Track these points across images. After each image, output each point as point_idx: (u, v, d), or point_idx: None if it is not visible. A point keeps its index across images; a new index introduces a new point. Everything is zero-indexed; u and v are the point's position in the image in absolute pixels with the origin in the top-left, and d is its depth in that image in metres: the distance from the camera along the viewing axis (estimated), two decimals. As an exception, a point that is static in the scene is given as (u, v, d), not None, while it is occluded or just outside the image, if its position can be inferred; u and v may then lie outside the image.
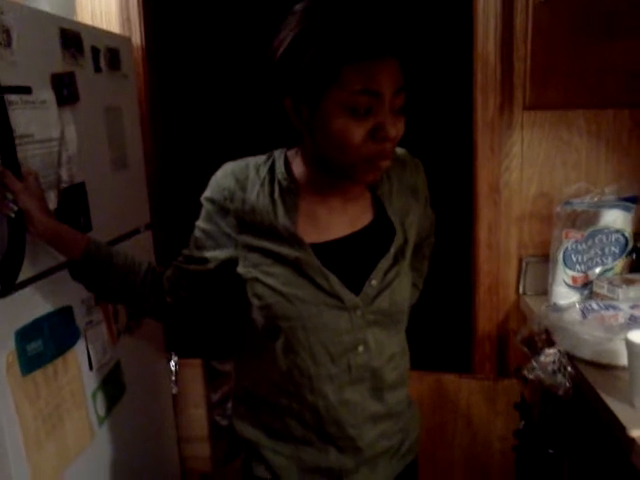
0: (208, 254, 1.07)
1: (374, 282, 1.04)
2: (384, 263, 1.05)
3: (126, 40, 1.68)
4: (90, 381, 1.35)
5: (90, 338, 1.35)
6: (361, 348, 1.04)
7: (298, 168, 1.05)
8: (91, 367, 1.35)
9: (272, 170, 1.05)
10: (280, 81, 0.95)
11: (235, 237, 1.04)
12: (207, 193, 1.07)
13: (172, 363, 1.84)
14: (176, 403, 1.89)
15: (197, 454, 1.94)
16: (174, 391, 1.86)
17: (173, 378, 1.84)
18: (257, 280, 1.02)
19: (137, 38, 1.80)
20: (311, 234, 1.03)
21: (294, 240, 1.01)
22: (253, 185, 1.03)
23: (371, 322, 1.04)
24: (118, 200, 1.54)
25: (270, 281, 1.01)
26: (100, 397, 1.39)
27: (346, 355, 1.03)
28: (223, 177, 1.05)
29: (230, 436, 1.20)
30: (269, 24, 1.04)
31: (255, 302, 1.03)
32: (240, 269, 1.04)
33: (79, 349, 1.31)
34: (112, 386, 1.45)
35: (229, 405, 1.22)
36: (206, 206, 1.07)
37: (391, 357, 1.09)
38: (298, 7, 0.93)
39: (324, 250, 1.03)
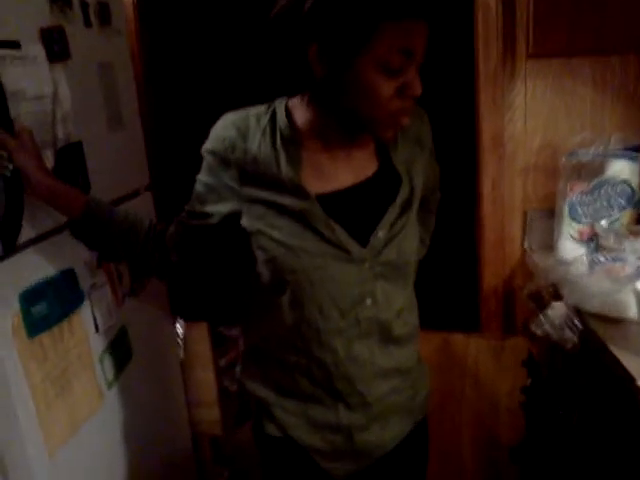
0: (210, 208, 1.05)
1: (381, 233, 1.02)
2: (391, 213, 1.03)
3: (116, -7, 1.62)
4: (97, 344, 1.34)
5: (95, 301, 1.33)
6: (369, 301, 1.03)
7: (300, 117, 1.02)
8: (97, 330, 1.34)
9: (273, 119, 1.03)
10: (309, 29, 0.92)
11: (238, 189, 1.02)
12: (207, 145, 1.05)
13: (178, 327, 1.82)
14: (184, 367, 1.89)
15: (207, 418, 1.93)
16: (181, 355, 1.85)
17: (180, 342, 1.83)
18: (261, 233, 1.00)
19: (127, -8, 1.73)
20: (315, 184, 1.01)
21: (298, 191, 0.99)
22: (254, 135, 1.01)
23: (379, 274, 1.03)
24: (116, 160, 1.50)
25: (275, 233, 1.00)
26: (108, 360, 1.38)
27: (354, 308, 1.02)
28: (223, 128, 1.03)
29: (240, 399, 1.20)
30: None
31: (260, 255, 1.02)
32: (244, 222, 1.02)
33: (84, 312, 1.30)
34: (119, 350, 1.44)
35: (237, 370, 1.22)
36: (207, 158, 1.05)
37: (400, 311, 1.09)
38: None
39: (329, 201, 1.01)
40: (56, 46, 1.24)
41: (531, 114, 1.72)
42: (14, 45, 1.11)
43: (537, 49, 1.62)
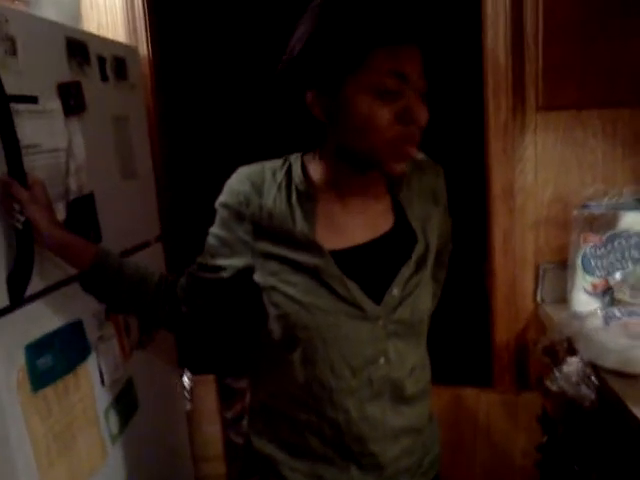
0: (223, 262, 1.04)
1: (396, 291, 1.00)
2: (405, 271, 1.01)
3: (132, 49, 1.67)
4: (102, 398, 1.32)
5: (102, 353, 1.32)
6: (382, 360, 1.00)
7: (316, 172, 1.02)
8: (103, 383, 1.32)
9: (289, 174, 1.02)
10: (301, 75, 0.93)
11: (252, 244, 1.01)
12: (222, 198, 1.03)
13: (185, 379, 1.80)
14: (190, 420, 1.86)
15: (212, 473, 1.89)
16: (188, 408, 1.82)
17: (187, 395, 1.80)
18: (275, 289, 0.99)
19: (143, 48, 1.79)
20: (330, 240, 0.99)
21: (313, 247, 0.98)
22: (269, 189, 1.00)
23: (392, 333, 1.01)
24: (127, 211, 1.52)
25: (288, 290, 0.97)
26: (113, 414, 1.36)
27: (367, 368, 1.00)
28: (238, 182, 1.02)
29: (246, 454, 1.16)
30: (274, 30, 1.03)
31: (273, 311, 1.00)
32: (257, 277, 1.01)
33: (90, 364, 1.28)
34: (125, 403, 1.42)
35: (244, 422, 1.18)
36: (221, 212, 1.03)
37: (412, 369, 1.05)
38: (315, 2, 0.93)
39: (344, 257, 0.99)
40: (72, 100, 1.27)
41: (542, 166, 1.72)
42: (32, 100, 1.13)
43: (547, 102, 1.63)
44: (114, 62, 1.49)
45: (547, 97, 1.63)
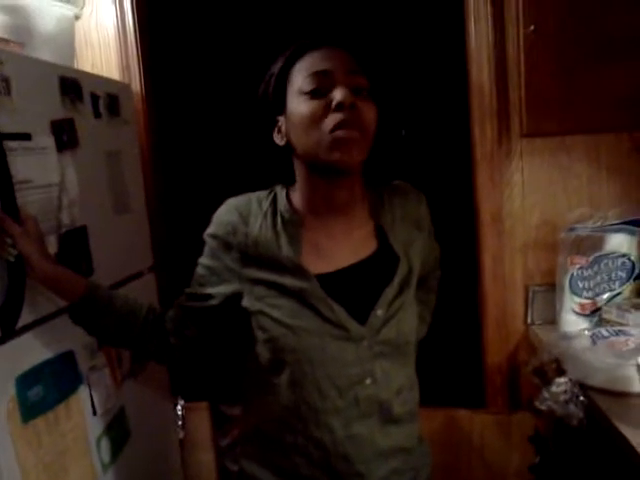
0: (212, 290, 1.07)
1: (380, 312, 1.03)
2: (389, 292, 1.04)
3: (125, 86, 1.72)
4: (94, 427, 1.33)
5: (93, 383, 1.33)
6: (369, 380, 1.02)
7: (298, 200, 1.07)
8: (95, 413, 1.33)
9: (274, 203, 1.07)
10: (263, 113, 1.06)
11: (239, 271, 1.05)
12: (210, 230, 1.08)
13: (178, 407, 1.81)
14: (183, 448, 1.86)
15: (206, 501, 1.89)
16: (181, 436, 1.82)
17: (180, 422, 1.80)
18: (262, 313, 1.02)
19: (137, 85, 1.83)
20: (315, 264, 1.03)
21: (298, 271, 1.02)
22: (256, 218, 1.05)
23: (378, 353, 1.03)
24: (120, 243, 1.54)
25: (275, 313, 1.01)
26: (105, 443, 1.36)
27: (353, 388, 1.02)
28: (226, 212, 1.07)
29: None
30: (263, 67, 1.08)
31: (260, 335, 1.03)
32: (245, 302, 1.04)
33: (82, 394, 1.29)
34: (117, 432, 1.42)
35: (238, 450, 1.20)
36: (209, 242, 1.08)
37: (399, 390, 1.07)
38: None
39: (329, 280, 1.03)
40: (65, 135, 1.31)
41: (529, 191, 1.76)
42: (25, 137, 1.17)
43: (531, 129, 1.67)
44: (107, 99, 1.53)
45: (531, 124, 1.67)
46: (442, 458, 1.72)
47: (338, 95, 0.96)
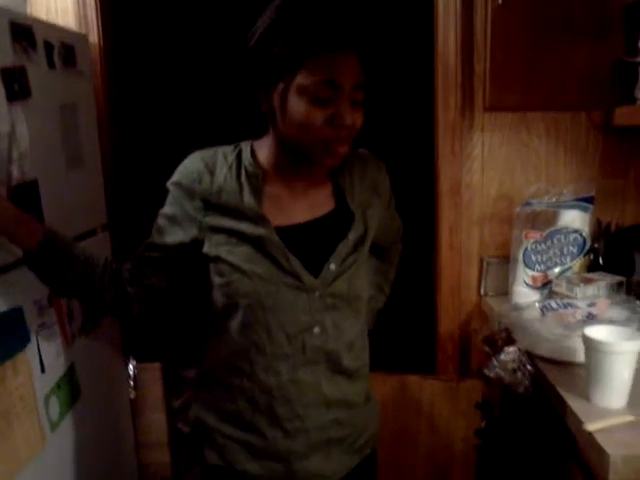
0: (171, 239, 1.09)
1: (333, 266, 1.07)
2: (342, 249, 1.08)
3: (82, 37, 1.65)
4: (42, 385, 1.30)
5: (42, 341, 1.30)
6: (317, 330, 1.07)
7: (263, 156, 1.10)
8: (43, 370, 1.30)
9: (239, 157, 1.09)
10: (252, 68, 1.02)
11: (200, 219, 1.07)
12: (174, 178, 1.09)
13: (130, 367, 1.79)
14: (134, 408, 1.85)
15: (156, 460, 1.90)
16: (132, 395, 1.81)
17: (131, 382, 1.79)
18: (220, 259, 1.05)
19: (94, 36, 1.76)
20: (275, 217, 1.07)
21: (258, 219, 1.05)
22: (221, 169, 1.07)
23: (329, 305, 1.07)
24: (73, 199, 1.50)
25: (232, 259, 1.04)
26: (53, 401, 1.34)
27: (301, 335, 1.06)
28: (191, 162, 1.09)
29: (191, 441, 1.18)
30: (224, 19, 1.06)
31: (216, 280, 1.06)
32: (205, 249, 1.07)
33: (30, 352, 1.26)
34: (66, 390, 1.40)
35: (192, 394, 1.22)
36: (172, 191, 1.09)
37: (350, 345, 1.11)
38: (274, 3, 1.00)
39: (286, 233, 1.06)
40: (16, 85, 1.25)
41: (488, 165, 1.78)
42: (-27, 84, 1.12)
43: (493, 103, 1.68)
44: (62, 49, 1.47)
45: (494, 98, 1.67)
46: (392, 423, 1.76)
47: (346, 119, 0.98)
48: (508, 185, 1.78)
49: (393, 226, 1.31)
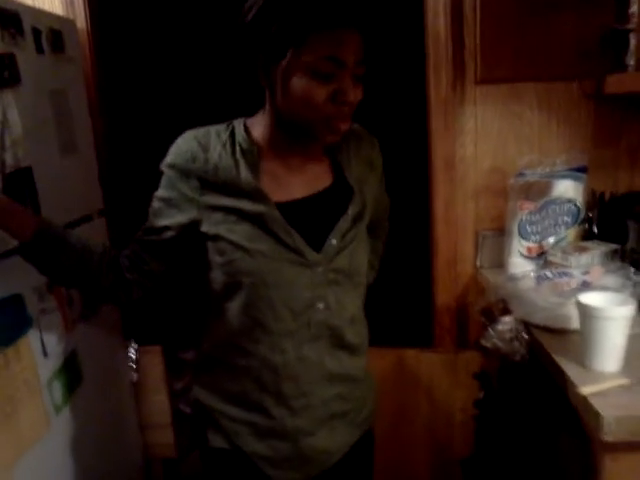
0: (168, 221, 1.07)
1: (334, 241, 1.06)
2: (343, 224, 1.08)
3: (70, 22, 1.64)
4: (45, 369, 1.32)
5: (44, 326, 1.31)
6: (321, 305, 1.06)
7: (258, 132, 1.08)
8: (46, 355, 1.32)
9: (232, 135, 1.08)
10: (251, 41, 1.00)
11: (197, 199, 1.05)
12: (168, 159, 1.08)
13: (131, 350, 1.81)
14: (137, 390, 1.88)
15: (160, 441, 1.92)
16: (134, 379, 1.83)
17: (133, 365, 1.81)
18: (220, 237, 1.04)
19: (82, 22, 1.75)
20: (273, 192, 1.05)
21: (257, 194, 1.03)
22: (215, 147, 1.06)
23: (332, 280, 1.07)
24: (68, 185, 1.50)
25: (233, 237, 1.03)
26: (56, 385, 1.36)
27: (306, 311, 1.05)
28: (185, 142, 1.07)
29: (194, 422, 1.19)
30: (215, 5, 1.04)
31: (217, 259, 1.05)
32: (204, 228, 1.05)
33: (32, 337, 1.27)
34: (68, 374, 1.42)
35: (192, 378, 1.22)
36: (167, 173, 1.08)
37: (352, 319, 1.12)
38: None
39: (286, 209, 1.05)
40: (6, 72, 1.25)
41: (481, 138, 1.78)
42: (-38, 71, 1.12)
43: (485, 75, 1.68)
44: (50, 34, 1.46)
45: (485, 71, 1.68)
46: (391, 396, 1.79)
47: (349, 95, 0.98)
48: (502, 158, 1.78)
49: (383, 202, 1.31)
